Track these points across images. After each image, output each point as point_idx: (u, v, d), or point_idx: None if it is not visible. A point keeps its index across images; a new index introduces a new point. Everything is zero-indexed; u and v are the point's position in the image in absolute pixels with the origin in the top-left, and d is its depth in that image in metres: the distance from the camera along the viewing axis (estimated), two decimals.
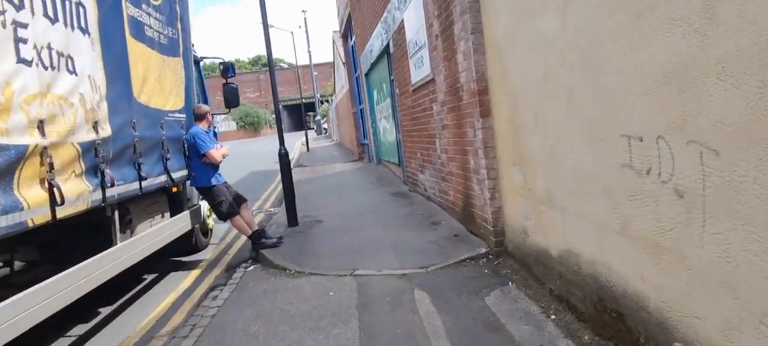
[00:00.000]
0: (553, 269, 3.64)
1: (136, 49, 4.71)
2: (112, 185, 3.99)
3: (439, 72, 6.04)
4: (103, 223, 4.30)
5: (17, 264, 4.85)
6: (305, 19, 31.72)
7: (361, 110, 17.21)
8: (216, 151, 5.82)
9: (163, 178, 5.16)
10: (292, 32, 32.66)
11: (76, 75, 3.69)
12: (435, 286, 4.39)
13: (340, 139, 30.51)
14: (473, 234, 5.48)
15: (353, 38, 16.04)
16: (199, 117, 5.94)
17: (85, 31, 3.85)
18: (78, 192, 3.61)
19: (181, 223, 5.67)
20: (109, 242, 4.29)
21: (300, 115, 43.06)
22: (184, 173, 5.77)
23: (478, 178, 5.04)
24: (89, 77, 3.86)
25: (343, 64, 18.70)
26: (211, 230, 7.25)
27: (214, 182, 5.89)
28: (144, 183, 4.68)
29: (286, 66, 58.34)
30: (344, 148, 25.52)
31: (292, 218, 7.22)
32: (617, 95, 2.53)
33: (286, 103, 68.56)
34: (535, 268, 4.01)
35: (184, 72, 5.96)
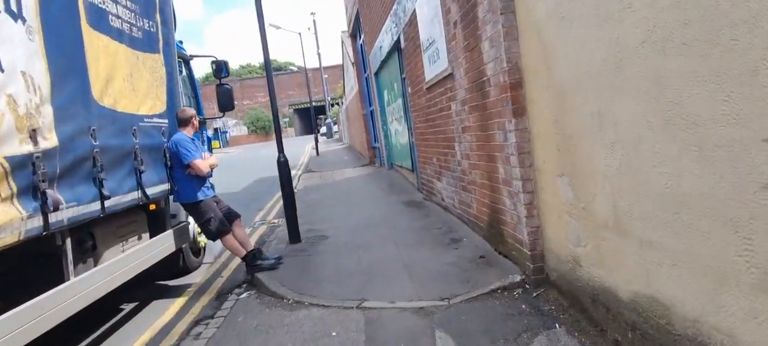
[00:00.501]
0: (621, 315, 2.72)
1: (96, 42, 3.87)
2: (56, 209, 3.14)
3: (458, 65, 5.14)
4: (54, 252, 3.47)
5: None
6: (314, 20, 30.89)
7: (371, 112, 16.34)
8: (202, 162, 4.97)
9: (135, 194, 4.31)
10: (300, 33, 31.68)
11: (1, 71, 2.85)
12: (461, 327, 3.49)
13: (350, 142, 29.69)
14: (503, 256, 4.56)
15: (362, 36, 15.19)
16: (183, 122, 5.09)
17: (16, 16, 3.02)
18: (3, 221, 2.77)
19: (162, 245, 4.82)
20: (61, 277, 3.46)
21: (310, 118, 42.39)
22: (165, 186, 4.92)
23: (509, 190, 4.13)
24: (24, 74, 3.02)
25: (353, 64, 17.85)
26: (204, 248, 6.41)
27: (200, 196, 5.04)
28: (108, 203, 3.83)
29: (295, 69, 57.69)
30: (355, 151, 24.69)
31: (294, 234, 6.36)
32: (757, 81, 1.62)
33: (296, 106, 68.01)
34: (592, 309, 3.09)
35: (166, 70, 5.12)
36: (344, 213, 8.25)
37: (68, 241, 3.45)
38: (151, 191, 4.58)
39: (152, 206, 4.80)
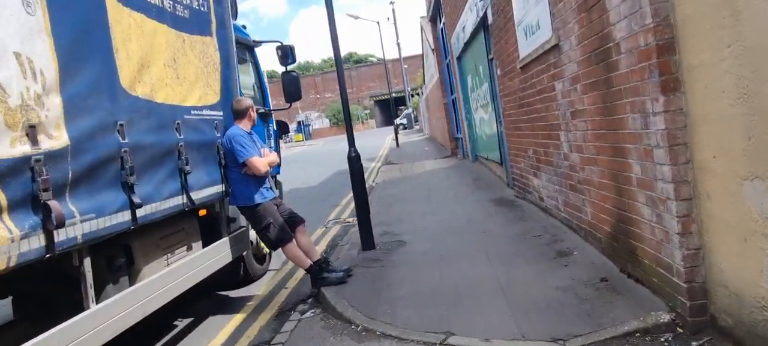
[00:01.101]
0: None
1: (126, 20, 3.22)
2: (61, 225, 2.49)
3: (567, 33, 4.03)
4: (74, 274, 2.86)
5: None
6: (393, 9, 30.14)
7: (453, 101, 15.27)
8: (259, 159, 4.26)
9: (178, 199, 3.65)
10: (378, 22, 31.02)
11: None
12: None
13: (431, 133, 28.67)
14: (635, 281, 3.42)
15: (442, 19, 14.12)
16: (239, 114, 4.41)
17: None
18: None
19: (216, 256, 4.17)
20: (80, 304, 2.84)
21: (390, 109, 41.88)
22: (218, 188, 4.26)
23: (650, 195, 2.99)
24: (19, 56, 2.37)
25: (432, 50, 16.82)
26: (269, 254, 5.77)
27: (258, 199, 4.34)
28: (141, 212, 3.17)
29: (375, 60, 57.42)
30: (436, 143, 23.66)
31: (367, 240, 5.53)
32: None
33: (377, 98, 67.97)
34: None
35: (220, 56, 4.46)
36: (424, 212, 7.33)
37: (87, 262, 2.81)
38: (199, 195, 3.92)
39: (202, 212, 4.15)
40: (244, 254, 4.94)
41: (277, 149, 6.40)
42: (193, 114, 3.95)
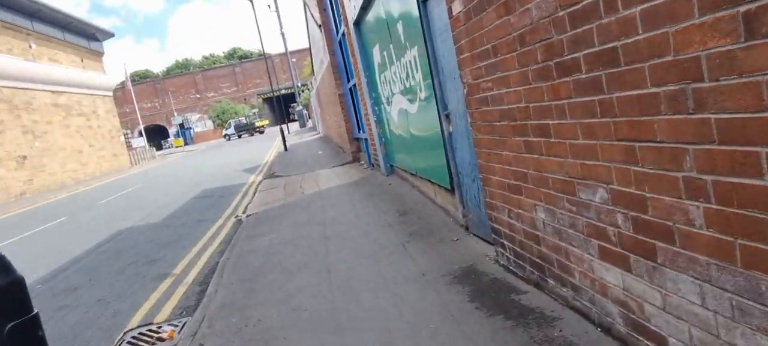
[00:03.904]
0: None
1: None
2: None
3: None
4: None
5: None
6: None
7: (351, 89, 11.25)
8: None
9: None
10: (251, 1, 25.74)
11: None
12: None
13: (325, 131, 24.49)
14: None
15: None
16: None
17: None
18: None
19: None
20: None
21: (282, 106, 37.09)
22: None
23: None
24: None
25: (319, 27, 12.61)
26: None
27: None
28: None
29: (258, 55, 51.91)
30: (331, 143, 19.54)
31: None
32: None
33: (265, 96, 62.30)
34: None
35: None
36: (320, 316, 3.20)
37: None
38: None
39: None
40: None
41: None
42: None
